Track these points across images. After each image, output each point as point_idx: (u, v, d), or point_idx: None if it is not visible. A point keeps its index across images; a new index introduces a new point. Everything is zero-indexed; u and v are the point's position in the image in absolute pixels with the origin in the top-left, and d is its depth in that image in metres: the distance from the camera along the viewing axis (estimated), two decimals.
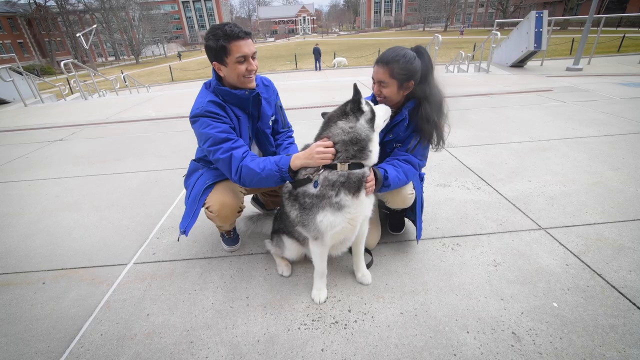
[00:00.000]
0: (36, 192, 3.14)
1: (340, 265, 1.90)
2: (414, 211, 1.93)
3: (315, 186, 1.38)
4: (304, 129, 4.26)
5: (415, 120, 1.67)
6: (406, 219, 2.15)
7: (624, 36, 16.79)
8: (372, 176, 1.46)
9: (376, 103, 1.75)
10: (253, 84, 1.65)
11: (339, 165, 1.37)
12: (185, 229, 1.69)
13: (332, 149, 1.37)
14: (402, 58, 1.55)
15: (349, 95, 1.42)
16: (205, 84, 1.70)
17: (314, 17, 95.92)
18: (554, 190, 2.58)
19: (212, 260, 2.01)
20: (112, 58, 53.55)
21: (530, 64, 9.51)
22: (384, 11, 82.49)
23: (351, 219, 1.41)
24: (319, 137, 1.47)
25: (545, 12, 7.97)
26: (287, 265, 1.84)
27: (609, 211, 2.27)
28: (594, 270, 1.75)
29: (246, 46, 1.52)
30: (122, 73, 14.17)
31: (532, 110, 4.82)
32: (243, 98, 1.64)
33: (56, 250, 2.22)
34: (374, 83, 1.67)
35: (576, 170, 2.87)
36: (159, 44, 56.30)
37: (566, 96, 5.52)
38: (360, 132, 1.37)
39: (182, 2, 73.96)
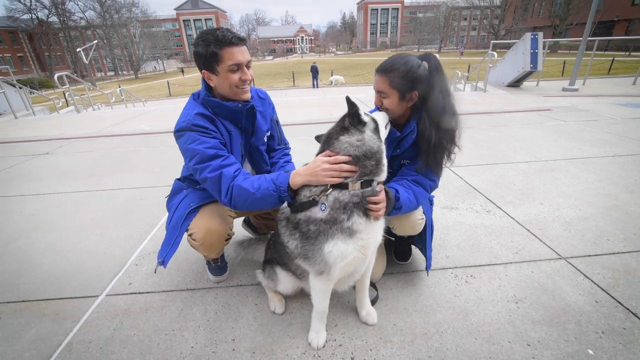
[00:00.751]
0: (10, 210, 2.89)
1: (341, 300, 1.67)
2: (422, 238, 1.74)
3: (322, 209, 1.18)
4: (302, 145, 4.10)
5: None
6: (413, 246, 1.95)
7: (613, 59, 17.34)
8: (383, 195, 1.26)
9: None
10: (247, 96, 1.48)
11: (350, 184, 1.19)
12: (163, 258, 1.46)
13: (343, 165, 1.18)
14: (403, 66, 1.38)
15: (346, 111, 1.26)
16: (193, 94, 1.53)
17: (312, 37, 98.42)
18: (569, 214, 2.41)
19: (195, 293, 1.78)
20: (112, 73, 53.99)
21: (526, 84, 9.60)
22: (380, 32, 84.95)
23: (363, 246, 1.21)
24: (319, 153, 1.29)
25: (540, 34, 8.11)
26: (280, 301, 1.62)
27: (631, 238, 2.09)
28: (628, 309, 1.54)
29: (240, 53, 1.36)
30: (119, 87, 14.11)
31: (534, 130, 4.73)
32: (236, 111, 1.46)
33: (21, 277, 1.97)
34: (375, 94, 1.52)
35: (589, 193, 2.71)
36: (158, 60, 57.05)
37: (566, 115, 5.47)
38: (372, 144, 1.21)
39: (183, 21, 75.64)
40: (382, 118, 1.34)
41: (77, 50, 16.76)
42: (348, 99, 1.19)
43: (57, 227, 2.55)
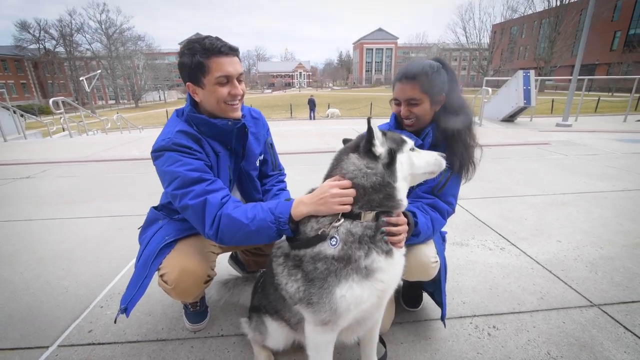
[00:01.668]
0: None
1: (343, 357, 1.38)
2: (435, 281, 1.49)
3: (333, 244, 0.96)
4: (298, 174, 3.92)
5: (442, 143, 1.36)
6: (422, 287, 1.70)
7: (599, 99, 18.17)
8: (403, 217, 1.08)
9: (399, 129, 1.43)
10: (237, 114, 1.30)
11: (363, 213, 1.00)
12: (127, 305, 1.19)
13: (352, 190, 1.00)
14: (430, 69, 1.29)
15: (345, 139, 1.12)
16: (177, 110, 1.34)
17: (310, 73, 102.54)
18: (591, 253, 2.19)
19: (166, 345, 1.48)
20: (113, 101, 54.96)
21: (520, 119, 9.78)
22: (375, 70, 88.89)
23: (383, 290, 1.00)
24: (328, 176, 1.09)
25: (532, 72, 8.37)
26: (268, 358, 1.33)
27: None
28: None
29: (230, 64, 1.19)
30: (117, 114, 14.14)
31: (536, 163, 4.64)
32: (224, 130, 1.28)
33: None
34: (397, 106, 1.38)
35: (608, 230, 2.51)
36: (160, 90, 58.51)
37: (565, 149, 5.43)
38: (383, 177, 1.01)
39: None
40: (424, 162, 1.09)
41: (80, 79, 17.03)
42: (369, 122, 0.98)
43: (18, 259, 2.25)
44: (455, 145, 1.35)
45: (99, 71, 25.08)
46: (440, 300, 1.47)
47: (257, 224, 1.07)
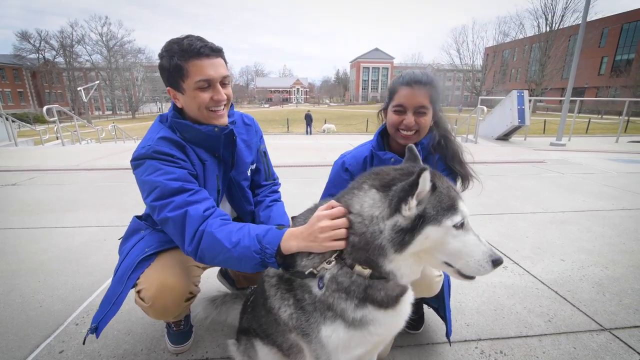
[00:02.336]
0: None
1: None
2: (439, 296, 1.40)
3: (320, 287, 0.84)
4: (295, 188, 3.84)
5: (435, 159, 1.32)
6: (425, 307, 1.60)
7: (589, 120, 18.64)
8: None
9: (384, 149, 1.37)
10: (223, 120, 1.20)
11: (356, 266, 0.83)
12: (97, 324, 1.06)
13: (343, 220, 0.83)
14: (434, 79, 1.24)
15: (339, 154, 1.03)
16: (160, 116, 1.25)
17: (307, 89, 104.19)
18: (597, 273, 2.11)
19: None
20: (110, 112, 54.95)
21: (514, 138, 9.90)
22: (371, 88, 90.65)
23: (376, 342, 0.88)
24: (338, 200, 0.89)
25: (526, 92, 8.54)
26: None
27: None
28: None
29: (211, 67, 1.10)
30: (113, 124, 14.05)
31: (534, 180, 4.61)
32: (210, 136, 1.18)
33: None
34: (399, 114, 1.27)
35: (611, 249, 2.44)
36: (157, 102, 58.69)
37: (561, 168, 5.44)
38: (377, 238, 0.77)
39: None
40: (457, 216, 0.79)
41: (78, 89, 17.00)
42: (420, 173, 0.71)
43: None
44: (454, 163, 1.32)
45: (98, 82, 25.13)
46: (445, 316, 1.37)
47: (240, 251, 0.95)
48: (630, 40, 34.02)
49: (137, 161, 1.11)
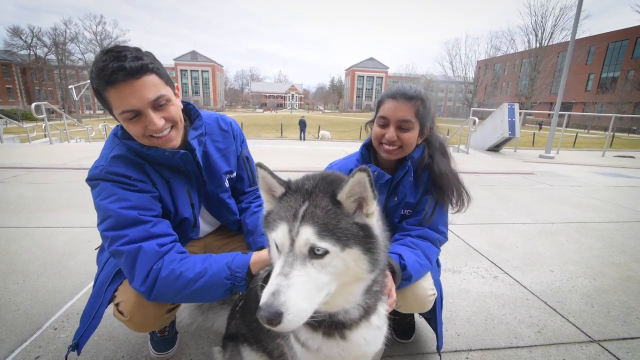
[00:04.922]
0: None
1: None
2: (430, 310, 1.38)
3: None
4: None
5: (425, 177, 1.28)
6: (416, 318, 1.58)
7: (576, 134, 19.16)
8: (390, 279, 0.97)
9: (370, 162, 1.32)
10: (172, 144, 1.06)
11: None
12: (78, 340, 1.00)
13: None
14: (424, 95, 1.20)
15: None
16: (116, 127, 1.11)
17: (302, 96, 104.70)
18: (585, 285, 2.13)
19: None
20: (101, 112, 54.12)
21: (504, 149, 10.07)
22: (365, 96, 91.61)
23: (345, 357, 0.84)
24: None
25: (516, 105, 8.71)
26: None
27: None
28: None
29: (132, 95, 0.91)
30: (104, 123, 13.82)
31: (524, 191, 4.68)
32: (164, 157, 1.07)
33: None
34: (382, 127, 1.22)
35: (599, 261, 2.47)
36: None
37: (550, 180, 5.53)
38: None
39: (181, 70, 79.32)
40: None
41: (69, 87, 16.71)
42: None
43: None
44: (443, 181, 1.26)
45: (89, 81, 24.80)
46: (436, 328, 1.35)
47: (208, 279, 0.92)
48: (615, 58, 35.28)
49: (92, 181, 1.02)
